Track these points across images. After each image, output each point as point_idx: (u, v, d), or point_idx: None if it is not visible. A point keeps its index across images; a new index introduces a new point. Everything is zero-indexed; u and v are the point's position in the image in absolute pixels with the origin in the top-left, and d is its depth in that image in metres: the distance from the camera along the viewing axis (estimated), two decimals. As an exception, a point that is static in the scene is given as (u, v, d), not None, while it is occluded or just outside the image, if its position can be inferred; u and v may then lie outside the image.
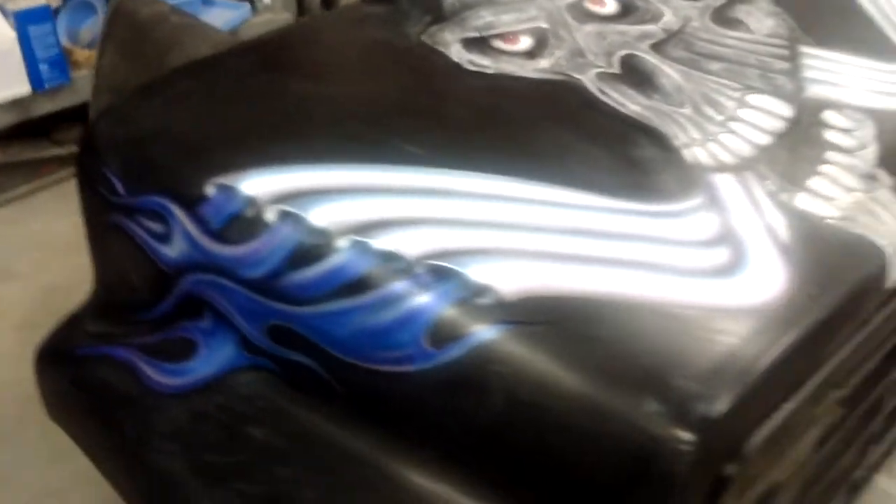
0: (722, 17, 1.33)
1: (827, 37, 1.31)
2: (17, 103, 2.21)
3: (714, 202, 0.98)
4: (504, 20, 1.24)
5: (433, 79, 1.15)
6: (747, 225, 0.95)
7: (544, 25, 1.24)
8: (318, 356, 0.91)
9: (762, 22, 1.33)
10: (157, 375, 1.02)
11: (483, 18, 1.24)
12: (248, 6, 2.61)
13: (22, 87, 2.19)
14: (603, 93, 1.13)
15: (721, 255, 0.92)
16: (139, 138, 1.07)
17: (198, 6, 2.41)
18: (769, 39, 1.28)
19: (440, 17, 1.25)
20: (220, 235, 0.94)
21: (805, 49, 1.28)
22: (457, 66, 1.16)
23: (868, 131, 1.13)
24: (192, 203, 0.96)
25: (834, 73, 1.23)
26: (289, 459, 0.94)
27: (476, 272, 0.87)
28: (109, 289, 1.15)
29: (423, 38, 1.21)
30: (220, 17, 2.43)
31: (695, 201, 0.98)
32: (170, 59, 1.26)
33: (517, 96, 1.12)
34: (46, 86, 2.23)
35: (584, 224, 0.94)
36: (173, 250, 0.98)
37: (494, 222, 0.93)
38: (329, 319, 0.89)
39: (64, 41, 2.28)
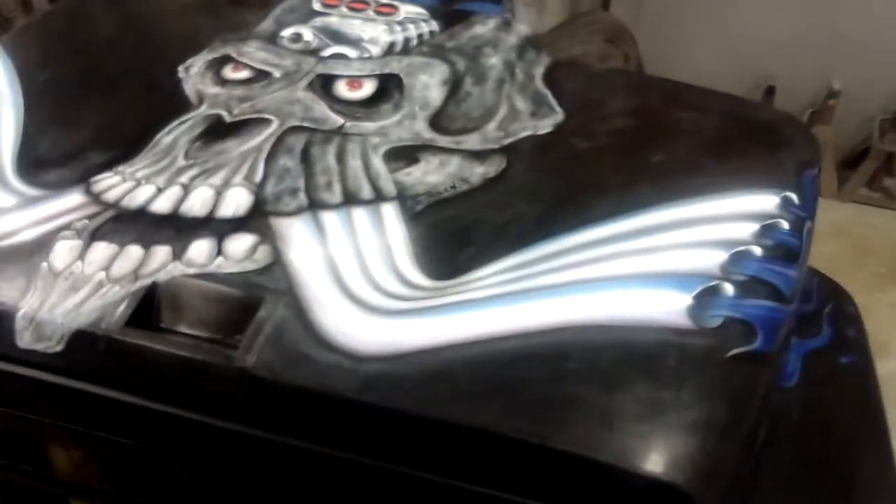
0: (408, 152, 1.26)
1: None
2: None
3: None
4: (255, 55, 1.42)
5: (129, 62, 1.44)
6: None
7: (276, 74, 1.38)
8: None
9: (427, 175, 1.22)
10: None
11: (247, 47, 1.44)
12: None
13: None
14: (182, 122, 1.29)
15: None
16: None
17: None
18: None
19: (248, 36, 1.49)
20: None
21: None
22: (169, 67, 1.42)
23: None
24: None
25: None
26: None
27: None
28: None
29: (217, 42, 1.48)
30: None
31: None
32: None
33: (139, 97, 1.37)
34: None
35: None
36: None
37: None
38: None
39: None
